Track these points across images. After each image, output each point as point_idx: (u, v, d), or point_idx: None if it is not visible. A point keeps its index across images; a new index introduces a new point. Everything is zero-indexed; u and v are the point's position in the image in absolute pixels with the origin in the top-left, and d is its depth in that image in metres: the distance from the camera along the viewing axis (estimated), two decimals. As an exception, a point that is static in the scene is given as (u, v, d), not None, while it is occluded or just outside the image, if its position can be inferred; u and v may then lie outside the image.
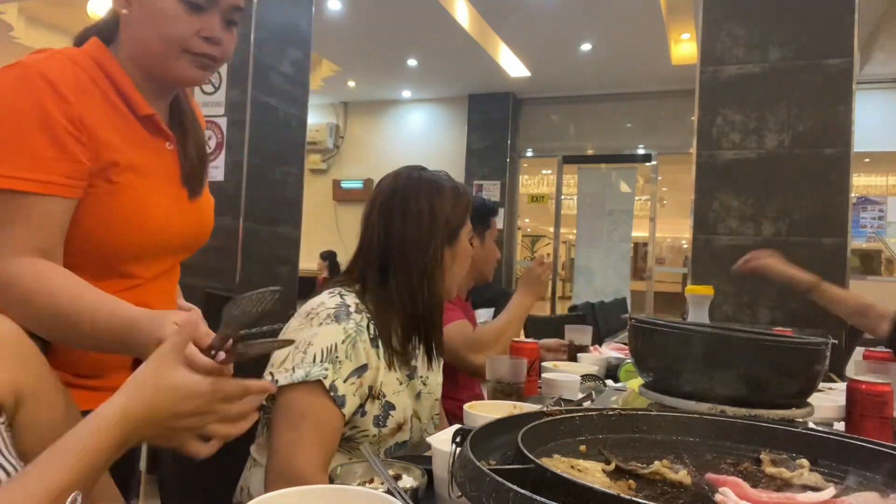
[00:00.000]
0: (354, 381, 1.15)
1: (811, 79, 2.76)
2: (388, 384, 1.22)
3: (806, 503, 0.56)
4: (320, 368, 1.11)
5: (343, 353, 1.14)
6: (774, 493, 0.58)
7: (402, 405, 1.24)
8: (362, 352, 1.16)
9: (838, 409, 1.28)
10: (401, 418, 1.23)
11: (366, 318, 1.20)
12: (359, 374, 1.16)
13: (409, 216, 1.26)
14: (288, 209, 3.89)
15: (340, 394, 1.12)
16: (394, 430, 1.23)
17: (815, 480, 0.62)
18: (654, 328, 1.02)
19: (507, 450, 0.62)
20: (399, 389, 1.24)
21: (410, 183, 1.30)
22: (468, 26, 5.62)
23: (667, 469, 0.62)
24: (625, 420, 0.73)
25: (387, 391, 1.22)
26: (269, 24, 3.67)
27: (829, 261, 2.69)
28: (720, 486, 0.57)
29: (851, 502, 0.56)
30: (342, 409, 1.12)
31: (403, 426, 1.24)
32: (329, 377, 1.11)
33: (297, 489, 0.64)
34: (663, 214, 8.08)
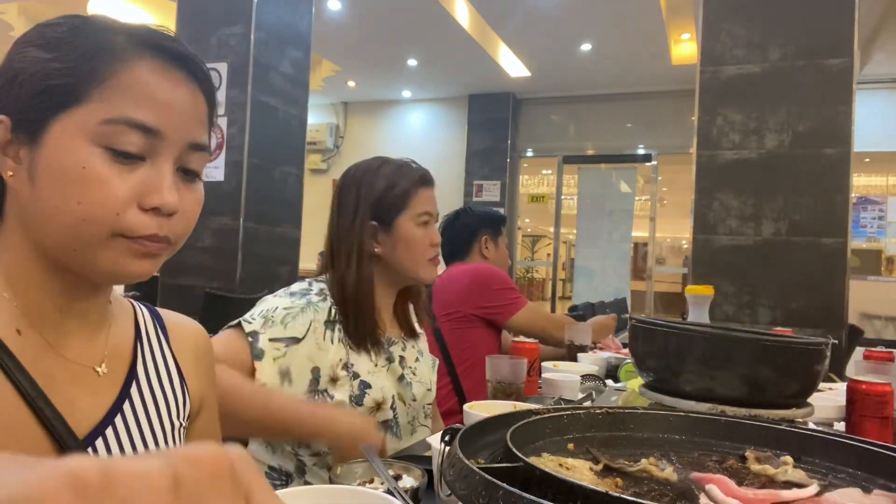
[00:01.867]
0: (279, 347, 1.18)
1: (811, 79, 2.76)
2: (358, 365, 1.25)
3: (790, 499, 0.57)
4: (248, 317, 1.18)
5: (279, 317, 1.19)
6: (760, 490, 0.58)
7: (380, 384, 1.26)
8: (301, 326, 1.20)
9: (838, 409, 1.28)
10: (379, 397, 1.25)
11: (329, 303, 1.25)
12: (287, 344, 1.18)
13: (340, 205, 1.32)
14: (288, 209, 3.89)
15: (259, 346, 1.16)
16: (372, 408, 1.25)
17: (799, 477, 0.63)
18: (654, 328, 1.02)
19: (496, 448, 0.63)
20: (374, 370, 1.27)
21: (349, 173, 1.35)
22: (468, 26, 5.62)
23: (653, 467, 0.63)
24: (612, 418, 0.74)
25: (359, 371, 1.25)
26: (269, 24, 3.68)
27: (829, 261, 2.69)
28: (706, 483, 0.57)
29: (835, 499, 0.56)
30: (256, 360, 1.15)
31: (383, 405, 1.26)
32: (253, 326, 1.16)
33: (297, 489, 0.63)
34: (663, 214, 8.08)
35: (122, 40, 0.62)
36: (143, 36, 0.63)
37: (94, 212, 0.60)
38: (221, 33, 3.63)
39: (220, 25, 3.63)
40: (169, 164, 0.63)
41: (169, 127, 0.62)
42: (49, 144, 0.60)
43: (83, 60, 0.61)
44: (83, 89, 0.60)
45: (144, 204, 0.61)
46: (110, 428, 0.67)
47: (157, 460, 0.23)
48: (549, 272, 8.06)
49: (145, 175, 0.62)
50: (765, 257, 2.78)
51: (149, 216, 0.62)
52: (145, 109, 0.61)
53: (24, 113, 0.61)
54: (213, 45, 3.62)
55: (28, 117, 0.61)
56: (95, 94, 0.60)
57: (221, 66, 3.59)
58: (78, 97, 0.60)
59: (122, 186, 0.60)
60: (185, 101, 0.64)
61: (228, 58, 3.59)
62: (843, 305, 2.66)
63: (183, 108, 0.64)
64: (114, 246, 0.61)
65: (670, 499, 0.59)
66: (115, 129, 0.60)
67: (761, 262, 2.78)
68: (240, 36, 3.59)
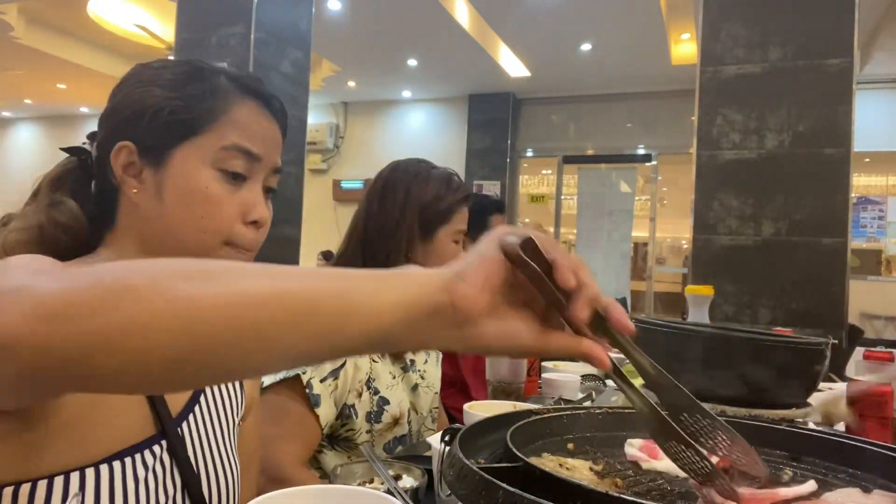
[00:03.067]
0: (330, 384, 1.16)
1: (811, 79, 2.76)
2: (380, 378, 1.23)
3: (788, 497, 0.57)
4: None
5: None
6: (758, 490, 0.58)
7: (397, 399, 1.24)
8: None
9: (838, 409, 1.27)
10: (396, 412, 1.24)
11: None
12: (334, 376, 1.16)
13: (385, 201, 1.29)
14: (288, 209, 3.89)
15: (315, 392, 1.14)
16: (390, 424, 1.23)
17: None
18: (654, 328, 1.02)
19: (496, 448, 0.63)
20: (392, 384, 1.25)
21: (397, 170, 1.32)
22: (468, 26, 5.62)
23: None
24: (612, 418, 0.74)
25: (379, 386, 1.22)
26: (269, 24, 3.67)
27: (829, 261, 2.69)
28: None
29: (835, 499, 0.56)
30: (315, 409, 1.13)
31: (400, 420, 1.25)
32: (307, 374, 1.13)
33: (297, 489, 0.63)
34: (663, 214, 8.07)
35: (229, 84, 0.76)
36: (243, 80, 0.78)
37: (213, 224, 0.73)
38: (221, 33, 3.63)
39: (220, 25, 3.63)
40: (260, 184, 0.77)
41: (265, 154, 0.76)
42: (175, 167, 0.72)
43: (202, 99, 0.74)
44: (203, 123, 0.73)
45: (247, 218, 0.75)
46: (191, 415, 0.77)
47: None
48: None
49: (247, 194, 0.75)
50: (765, 257, 2.78)
51: (249, 229, 0.76)
52: (252, 140, 0.75)
53: (151, 141, 0.73)
54: (213, 45, 3.62)
55: (154, 144, 0.73)
56: (213, 127, 0.73)
57: (246, 73, 3.58)
58: (199, 129, 0.73)
59: (233, 203, 0.74)
60: (272, 132, 0.79)
61: (228, 58, 3.59)
62: (843, 305, 2.66)
63: (273, 139, 0.79)
64: (222, 254, 0.74)
65: (671, 499, 0.59)
66: (229, 154, 0.73)
67: (761, 262, 2.78)
68: (240, 36, 3.58)
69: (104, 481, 0.63)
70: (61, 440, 0.61)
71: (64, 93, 8.43)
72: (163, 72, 0.76)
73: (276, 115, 0.79)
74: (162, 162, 0.72)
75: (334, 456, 1.22)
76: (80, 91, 8.11)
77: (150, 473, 0.68)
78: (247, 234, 0.75)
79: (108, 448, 0.65)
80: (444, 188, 1.30)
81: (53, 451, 0.61)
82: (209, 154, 0.73)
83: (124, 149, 0.73)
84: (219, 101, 0.74)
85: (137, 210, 0.74)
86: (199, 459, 0.76)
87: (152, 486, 0.68)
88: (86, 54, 6.86)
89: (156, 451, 0.70)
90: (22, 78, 7.88)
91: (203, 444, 0.77)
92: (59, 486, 0.61)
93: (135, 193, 0.73)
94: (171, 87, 0.74)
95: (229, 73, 0.78)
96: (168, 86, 0.74)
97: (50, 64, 6.92)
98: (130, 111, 0.74)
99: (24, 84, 8.19)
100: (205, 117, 0.73)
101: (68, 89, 8.23)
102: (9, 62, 7.13)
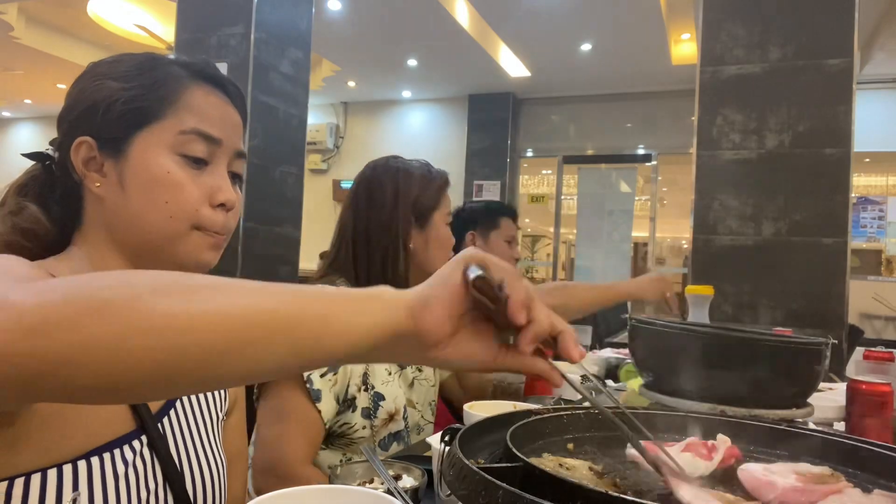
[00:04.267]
0: (330, 378, 1.16)
1: (811, 79, 2.75)
2: (375, 375, 1.23)
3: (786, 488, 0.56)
4: None
5: None
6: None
7: (393, 395, 1.25)
8: None
9: (838, 409, 1.28)
10: (392, 408, 1.24)
11: None
12: (333, 371, 1.17)
13: (373, 200, 1.31)
14: (288, 209, 3.89)
15: (315, 388, 1.15)
16: (386, 420, 1.24)
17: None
18: (654, 328, 1.02)
19: (495, 448, 0.63)
20: (388, 380, 1.25)
21: (377, 169, 1.35)
22: (468, 26, 5.62)
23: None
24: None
25: (375, 382, 1.23)
26: (269, 24, 3.67)
27: (829, 261, 2.69)
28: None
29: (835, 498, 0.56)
30: (317, 403, 1.13)
31: (396, 416, 1.25)
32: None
33: (298, 489, 0.63)
34: (663, 214, 8.07)
35: (181, 70, 0.76)
36: (196, 67, 0.77)
37: (179, 209, 0.72)
38: (221, 33, 3.62)
39: (220, 25, 3.63)
40: (224, 168, 0.78)
41: (224, 137, 0.77)
42: (135, 156, 0.72)
43: (155, 87, 0.74)
44: (158, 110, 0.73)
45: (213, 201, 0.75)
46: (172, 410, 0.78)
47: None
48: (549, 272, 8.06)
49: (210, 178, 0.75)
50: (765, 257, 2.78)
51: (216, 212, 0.75)
52: (209, 123, 0.75)
53: (109, 132, 0.73)
54: (213, 45, 3.61)
55: (112, 136, 0.73)
56: (168, 113, 0.73)
57: (221, 66, 3.58)
58: (154, 116, 0.73)
59: (196, 187, 0.74)
60: (230, 116, 0.79)
61: (228, 58, 3.59)
62: (843, 305, 2.66)
63: (232, 123, 0.79)
64: (192, 239, 0.74)
65: (670, 499, 0.58)
66: (188, 139, 0.73)
67: (761, 262, 2.78)
68: (240, 36, 3.58)
69: (82, 477, 0.64)
70: (38, 438, 0.62)
71: (64, 93, 8.39)
72: (115, 65, 0.76)
73: (232, 99, 0.80)
74: (121, 152, 0.72)
75: (330, 454, 1.22)
76: (80, 91, 8.10)
77: (130, 469, 0.68)
78: (215, 218, 0.75)
79: (85, 444, 0.65)
80: (427, 177, 1.33)
81: (30, 449, 0.61)
82: (168, 139, 0.73)
83: (83, 144, 0.73)
84: (173, 87, 0.74)
85: (103, 204, 0.73)
86: (182, 455, 0.76)
87: (133, 481, 0.68)
88: (86, 54, 6.85)
89: (135, 447, 0.70)
90: (22, 78, 7.88)
91: (185, 440, 0.78)
92: (36, 483, 0.61)
93: (98, 187, 0.73)
94: (124, 78, 0.74)
95: (181, 60, 0.78)
96: (121, 77, 0.74)
97: (50, 64, 6.91)
98: (85, 106, 0.74)
99: (24, 84, 8.19)
100: (160, 104, 0.73)
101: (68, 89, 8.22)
102: (9, 62, 7.12)
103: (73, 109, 0.75)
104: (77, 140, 0.73)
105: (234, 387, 0.58)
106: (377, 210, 1.30)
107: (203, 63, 0.79)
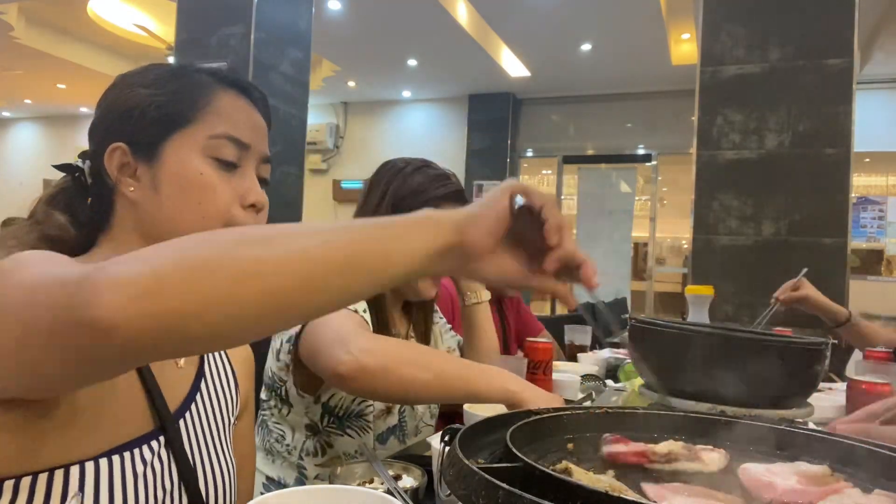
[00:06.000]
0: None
1: (811, 79, 2.75)
2: None
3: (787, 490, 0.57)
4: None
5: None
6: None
7: None
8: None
9: (838, 409, 1.28)
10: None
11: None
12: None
13: (367, 197, 1.33)
14: (288, 209, 3.89)
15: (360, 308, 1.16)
16: (383, 411, 1.24)
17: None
18: (654, 328, 1.02)
19: (496, 448, 0.63)
20: None
21: (382, 168, 1.36)
22: (468, 26, 5.62)
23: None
24: (612, 418, 0.73)
25: None
26: (269, 24, 3.67)
27: (829, 261, 2.69)
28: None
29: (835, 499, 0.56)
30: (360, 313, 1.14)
31: (391, 408, 1.26)
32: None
33: (298, 489, 0.64)
34: (663, 214, 8.07)
35: (208, 77, 0.79)
36: (221, 73, 0.80)
37: (212, 209, 0.74)
38: (221, 33, 3.62)
39: (220, 25, 3.63)
40: (253, 171, 0.79)
41: (252, 142, 0.78)
42: (168, 160, 0.74)
43: (185, 93, 0.76)
44: (189, 115, 0.75)
45: (244, 202, 0.77)
46: (188, 412, 0.79)
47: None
48: (549, 272, 8.05)
49: (240, 180, 0.77)
50: (765, 257, 2.78)
51: (247, 213, 0.77)
52: (238, 128, 0.77)
53: (142, 138, 0.75)
54: (213, 45, 3.61)
55: (145, 141, 0.75)
56: (199, 118, 0.75)
57: (221, 66, 3.58)
58: (185, 121, 0.75)
59: (228, 188, 0.75)
60: (257, 121, 0.80)
61: (228, 58, 3.59)
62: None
63: (259, 128, 0.80)
64: None
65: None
66: (219, 143, 0.75)
67: (761, 262, 2.78)
68: (240, 36, 3.58)
69: (103, 475, 0.65)
70: (63, 434, 0.62)
71: (64, 93, 8.43)
72: (145, 74, 0.79)
73: (257, 105, 0.81)
74: (155, 156, 0.74)
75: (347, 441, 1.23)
76: (79, 91, 8.11)
77: (148, 468, 0.69)
78: (247, 218, 0.77)
79: (108, 442, 0.66)
80: (428, 183, 1.30)
81: (54, 445, 0.62)
82: (199, 143, 0.75)
83: (118, 150, 0.75)
84: (202, 93, 0.77)
85: (136, 208, 0.75)
86: (196, 455, 0.77)
87: (150, 480, 0.69)
88: (86, 54, 6.86)
89: (154, 447, 0.71)
90: (22, 78, 7.88)
91: (199, 440, 0.79)
92: (59, 479, 0.62)
93: (132, 192, 0.75)
94: (155, 85, 0.77)
95: (207, 68, 0.81)
96: (152, 84, 0.77)
97: (50, 64, 6.92)
98: (118, 113, 0.76)
99: (24, 84, 8.19)
100: (191, 109, 0.76)
101: (68, 89, 8.23)
102: (9, 62, 7.12)
103: (106, 118, 0.77)
104: (111, 146, 0.75)
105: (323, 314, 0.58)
106: (365, 206, 1.32)
107: (228, 70, 0.82)
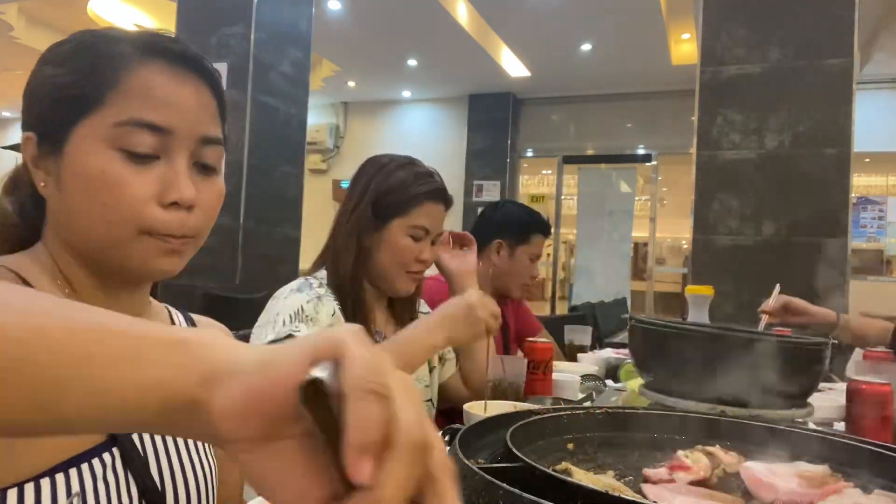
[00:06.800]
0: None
1: (811, 79, 2.75)
2: None
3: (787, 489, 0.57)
4: (290, 327, 1.15)
5: (311, 310, 1.18)
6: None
7: None
8: (327, 316, 1.20)
9: (838, 409, 1.28)
10: None
11: (331, 295, 1.25)
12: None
13: (351, 191, 1.33)
14: (288, 209, 3.89)
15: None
16: None
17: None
18: (654, 328, 1.02)
19: (496, 448, 0.63)
20: None
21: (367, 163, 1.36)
22: (468, 26, 5.62)
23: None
24: (612, 418, 0.74)
25: None
26: (269, 24, 3.67)
27: (829, 261, 2.68)
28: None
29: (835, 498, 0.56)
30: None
31: None
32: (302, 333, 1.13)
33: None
34: (663, 214, 8.07)
35: (127, 48, 0.64)
36: (147, 42, 0.64)
37: (118, 212, 0.62)
38: (221, 33, 3.63)
39: (220, 25, 3.63)
40: (183, 160, 0.65)
41: (179, 124, 0.64)
42: (70, 152, 0.62)
43: (91, 71, 0.63)
44: (95, 97, 0.62)
45: (164, 200, 0.63)
46: None
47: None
48: (549, 272, 8.06)
49: (161, 172, 0.63)
50: (765, 257, 2.78)
51: (169, 212, 0.64)
52: (153, 110, 0.63)
53: (46, 126, 0.64)
54: (213, 45, 3.61)
55: (50, 130, 0.64)
56: (107, 101, 0.62)
57: (221, 66, 3.58)
58: (91, 105, 0.62)
59: (140, 185, 0.62)
60: (192, 97, 0.65)
61: (228, 58, 3.59)
62: (843, 306, 2.66)
63: (191, 105, 0.65)
64: (141, 244, 0.63)
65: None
66: (127, 131, 0.62)
67: (761, 262, 2.78)
68: (240, 36, 3.58)
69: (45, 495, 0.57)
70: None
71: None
72: (58, 47, 0.66)
73: (198, 74, 0.66)
74: (59, 148, 0.63)
75: None
76: (80, 91, 8.10)
77: (100, 483, 0.62)
78: (167, 219, 0.63)
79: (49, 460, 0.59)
80: (411, 180, 1.29)
81: None
82: (103, 132, 0.62)
83: (29, 141, 0.65)
84: (112, 69, 0.63)
85: (50, 205, 0.66)
86: (164, 462, 0.70)
87: (103, 496, 0.62)
88: (86, 54, 6.85)
89: (106, 460, 0.63)
90: (22, 78, 7.83)
91: (166, 446, 0.71)
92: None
93: (43, 187, 0.65)
94: (60, 62, 0.65)
95: (130, 36, 0.65)
96: (58, 61, 0.65)
97: (50, 64, 6.91)
98: (26, 97, 0.66)
99: (25, 84, 8.19)
100: (98, 90, 0.62)
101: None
102: (9, 62, 7.12)
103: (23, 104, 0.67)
104: (24, 136, 0.65)
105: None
106: (348, 200, 1.32)
107: (157, 36, 0.66)
